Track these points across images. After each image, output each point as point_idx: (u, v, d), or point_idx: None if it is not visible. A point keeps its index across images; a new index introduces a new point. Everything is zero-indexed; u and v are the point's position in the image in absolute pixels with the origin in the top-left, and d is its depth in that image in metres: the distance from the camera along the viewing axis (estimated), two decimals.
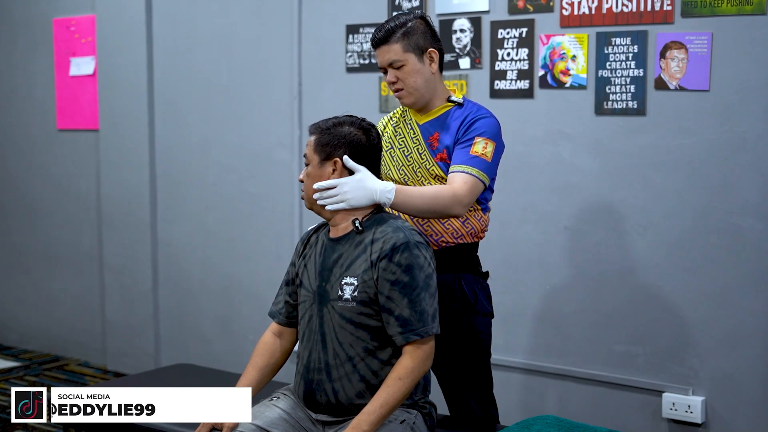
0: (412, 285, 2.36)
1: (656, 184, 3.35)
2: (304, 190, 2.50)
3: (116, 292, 4.94)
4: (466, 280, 2.72)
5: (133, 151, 4.78)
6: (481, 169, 2.60)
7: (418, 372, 2.37)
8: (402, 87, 2.68)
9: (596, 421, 3.40)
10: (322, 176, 2.45)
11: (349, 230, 2.47)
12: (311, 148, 2.47)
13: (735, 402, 3.27)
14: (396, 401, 2.34)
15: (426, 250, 2.43)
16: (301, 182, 2.52)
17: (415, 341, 2.36)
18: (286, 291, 2.62)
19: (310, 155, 2.47)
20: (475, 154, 2.61)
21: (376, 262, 2.38)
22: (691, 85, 3.24)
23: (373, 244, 2.41)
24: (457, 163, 2.62)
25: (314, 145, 2.47)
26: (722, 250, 3.25)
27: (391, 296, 2.37)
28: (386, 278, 2.37)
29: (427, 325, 2.37)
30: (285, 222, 4.32)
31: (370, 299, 2.39)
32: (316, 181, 2.45)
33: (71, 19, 5.04)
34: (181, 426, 2.77)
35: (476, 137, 2.63)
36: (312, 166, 2.47)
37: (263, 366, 2.58)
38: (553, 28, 3.50)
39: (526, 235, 3.63)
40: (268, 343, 2.62)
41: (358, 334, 2.41)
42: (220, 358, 4.48)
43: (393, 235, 2.40)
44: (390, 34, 2.65)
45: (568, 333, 3.59)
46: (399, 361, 2.37)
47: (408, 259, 2.37)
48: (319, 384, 2.44)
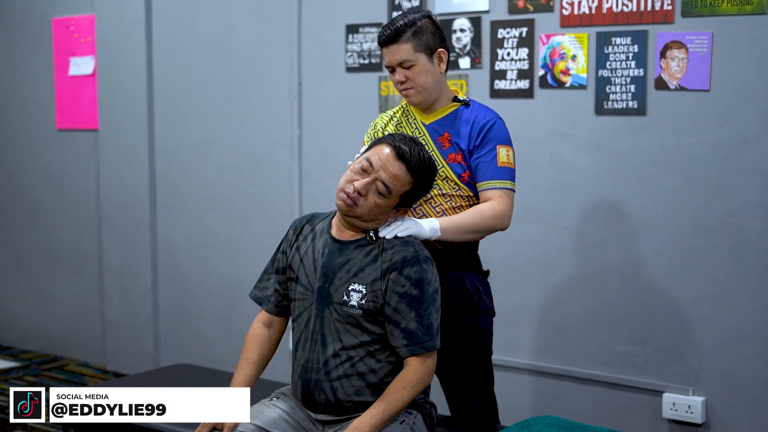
0: (420, 299, 2.37)
1: (656, 184, 3.35)
2: (368, 205, 2.38)
3: (116, 292, 4.94)
4: (469, 278, 2.73)
5: (132, 151, 4.78)
6: (511, 179, 2.67)
7: (422, 384, 2.40)
8: (411, 86, 2.67)
9: (596, 421, 3.40)
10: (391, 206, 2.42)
11: (357, 236, 2.45)
12: (406, 177, 2.39)
13: (735, 402, 3.27)
14: (398, 409, 2.36)
15: (433, 266, 2.44)
16: (359, 195, 2.37)
17: (421, 354, 2.38)
18: (276, 279, 2.58)
19: (403, 182, 2.39)
20: (502, 165, 2.65)
21: (385, 274, 2.38)
22: (691, 85, 3.24)
23: (383, 254, 2.40)
24: (489, 178, 2.65)
25: (405, 173, 2.39)
26: (722, 250, 3.24)
27: (398, 308, 2.37)
28: (395, 290, 2.36)
29: (432, 339, 2.39)
30: (285, 222, 4.30)
31: (376, 309, 2.39)
32: None
33: (71, 18, 5.03)
34: (181, 426, 2.76)
35: (497, 146, 2.66)
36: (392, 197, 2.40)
37: (257, 360, 2.57)
38: (553, 28, 3.50)
39: (526, 235, 3.62)
40: (259, 336, 2.59)
41: (362, 338, 2.41)
42: (219, 358, 4.48)
43: (403, 248, 2.40)
44: (400, 33, 2.63)
45: (568, 333, 3.59)
46: (406, 371, 2.38)
47: (418, 273, 2.37)
48: (318, 383, 2.43)
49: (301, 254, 2.52)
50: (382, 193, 2.37)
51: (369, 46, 3.97)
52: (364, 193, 2.37)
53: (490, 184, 2.65)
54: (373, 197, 2.38)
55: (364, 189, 2.37)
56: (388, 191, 2.38)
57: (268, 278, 2.61)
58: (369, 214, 2.40)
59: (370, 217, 2.40)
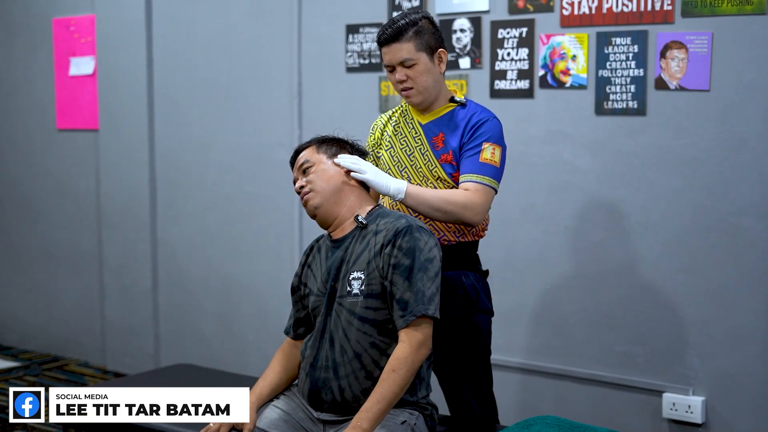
0: (410, 267, 2.37)
1: (656, 184, 3.35)
2: (314, 189, 2.52)
3: (116, 292, 4.94)
4: (468, 278, 2.73)
5: (132, 151, 4.78)
6: (492, 176, 2.64)
7: (413, 361, 2.33)
8: (411, 86, 2.67)
9: (596, 421, 3.41)
10: (335, 175, 2.54)
11: (351, 228, 2.49)
12: (313, 151, 2.56)
13: (735, 402, 3.27)
14: (393, 395, 2.31)
15: (429, 235, 2.43)
16: (301, 189, 2.54)
17: (411, 324, 2.34)
18: (295, 305, 2.66)
19: (315, 158, 2.54)
20: (484, 161, 2.63)
21: (380, 250, 2.40)
22: (691, 85, 3.24)
23: (377, 235, 2.43)
24: (468, 172, 2.64)
25: (315, 148, 2.57)
26: (722, 250, 3.25)
27: (393, 280, 2.38)
28: (390, 263, 2.38)
29: (422, 305, 2.34)
30: (285, 222, 4.32)
31: (378, 292, 2.40)
32: (327, 178, 2.52)
33: (71, 18, 5.04)
34: (181, 426, 2.76)
35: (483, 143, 2.65)
36: (318, 164, 2.53)
37: (281, 370, 2.61)
38: (553, 28, 3.50)
39: (526, 235, 3.63)
40: (285, 349, 2.66)
41: (365, 329, 2.41)
42: (219, 358, 4.48)
43: (396, 222, 2.43)
44: (401, 32, 2.64)
45: (568, 333, 3.59)
46: (393, 353, 2.35)
47: (409, 242, 2.38)
48: (326, 382, 2.44)
49: (312, 269, 2.58)
50: (310, 169, 2.53)
51: (369, 46, 3.98)
52: (305, 184, 2.52)
53: (468, 177, 2.63)
54: (309, 180, 2.52)
55: (302, 182, 2.54)
56: (310, 163, 2.54)
57: (293, 308, 2.69)
58: (326, 196, 2.50)
59: (328, 197, 2.50)
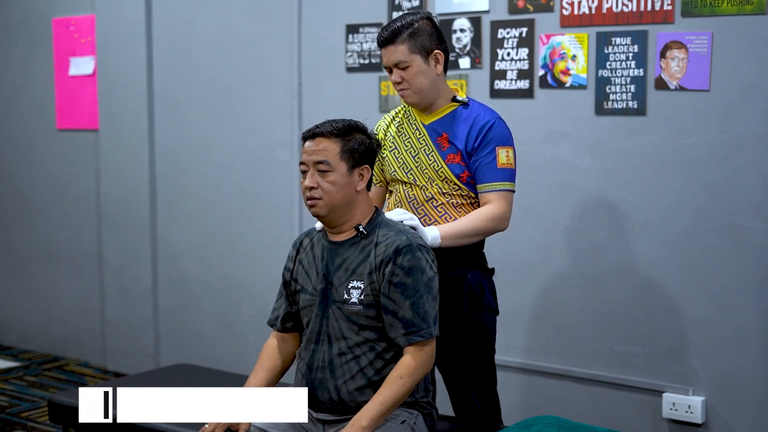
0: (414, 287, 2.38)
1: (656, 184, 3.35)
2: (327, 195, 2.40)
3: (116, 292, 4.94)
4: (474, 276, 2.74)
5: (132, 150, 4.78)
6: (510, 180, 2.70)
7: (420, 373, 2.39)
8: (407, 87, 2.69)
9: (596, 421, 3.40)
10: (351, 183, 2.42)
11: (351, 235, 2.48)
12: (335, 155, 2.40)
13: (735, 402, 3.27)
14: (396, 400, 2.36)
15: (428, 253, 2.45)
16: (312, 189, 2.42)
17: (418, 342, 2.38)
18: (284, 299, 2.62)
19: (335, 162, 2.40)
20: (502, 167, 2.68)
21: (380, 266, 2.40)
22: (691, 85, 3.24)
23: (377, 247, 2.42)
24: (488, 181, 2.68)
25: (340, 152, 2.41)
26: (722, 250, 3.25)
27: (393, 298, 2.38)
28: (390, 281, 2.38)
29: (429, 327, 2.39)
30: (285, 222, 4.32)
31: (376, 302, 2.41)
32: (347, 188, 2.41)
33: (71, 18, 5.03)
34: (181, 426, 2.77)
35: (496, 147, 2.67)
36: (339, 173, 2.40)
37: (272, 367, 2.59)
38: (553, 28, 3.50)
39: (526, 235, 3.62)
40: (272, 346, 2.63)
41: (365, 335, 2.42)
42: (219, 358, 4.48)
43: (396, 238, 2.42)
44: (396, 35, 2.66)
45: (568, 333, 3.59)
46: (401, 361, 2.39)
47: (410, 262, 2.39)
48: (322, 382, 2.44)
49: (303, 265, 2.55)
50: (325, 170, 2.40)
51: (369, 46, 3.98)
52: (315, 185, 2.40)
53: (489, 187, 2.67)
54: (322, 181, 2.40)
55: (311, 181, 2.41)
56: (326, 164, 2.39)
57: (277, 301, 2.65)
58: (336, 200, 2.40)
59: (339, 201, 2.41)
